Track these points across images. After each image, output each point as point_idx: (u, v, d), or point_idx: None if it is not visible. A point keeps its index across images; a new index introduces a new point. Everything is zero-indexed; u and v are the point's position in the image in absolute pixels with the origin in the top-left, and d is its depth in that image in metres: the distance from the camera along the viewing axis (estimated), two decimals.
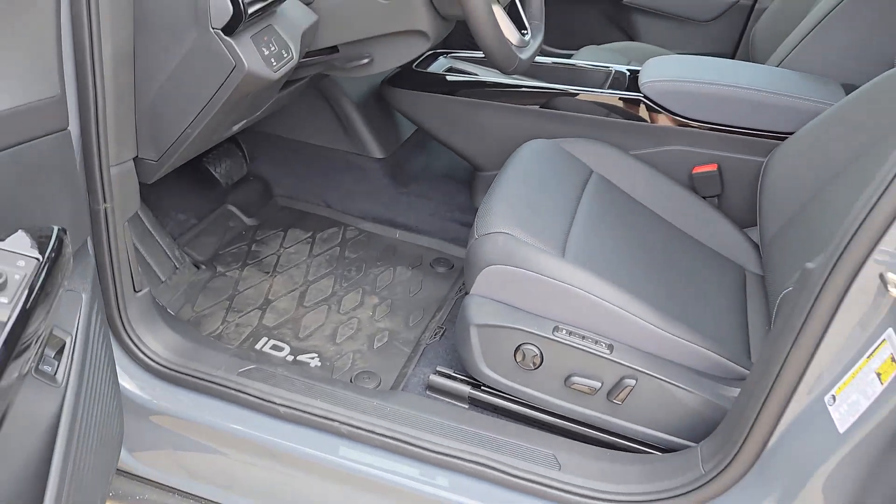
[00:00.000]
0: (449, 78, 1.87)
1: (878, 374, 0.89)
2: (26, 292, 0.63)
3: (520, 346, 1.27)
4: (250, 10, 1.08)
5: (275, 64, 1.16)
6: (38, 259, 0.65)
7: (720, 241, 1.62)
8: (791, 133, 1.57)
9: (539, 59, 1.97)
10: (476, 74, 1.89)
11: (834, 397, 0.95)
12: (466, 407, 1.37)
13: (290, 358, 1.51)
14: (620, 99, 1.73)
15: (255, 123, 1.55)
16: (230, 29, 1.07)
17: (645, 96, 1.69)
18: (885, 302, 0.89)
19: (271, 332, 1.57)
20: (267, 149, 2.00)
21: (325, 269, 1.78)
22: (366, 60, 1.41)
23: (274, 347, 1.53)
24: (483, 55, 1.90)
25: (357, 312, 1.66)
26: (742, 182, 1.66)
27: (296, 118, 1.94)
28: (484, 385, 1.35)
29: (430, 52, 1.97)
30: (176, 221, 1.79)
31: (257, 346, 1.53)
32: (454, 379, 1.39)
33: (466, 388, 1.37)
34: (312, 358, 1.51)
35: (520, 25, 1.45)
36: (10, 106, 0.76)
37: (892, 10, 1.72)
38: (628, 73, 1.83)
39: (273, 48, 1.16)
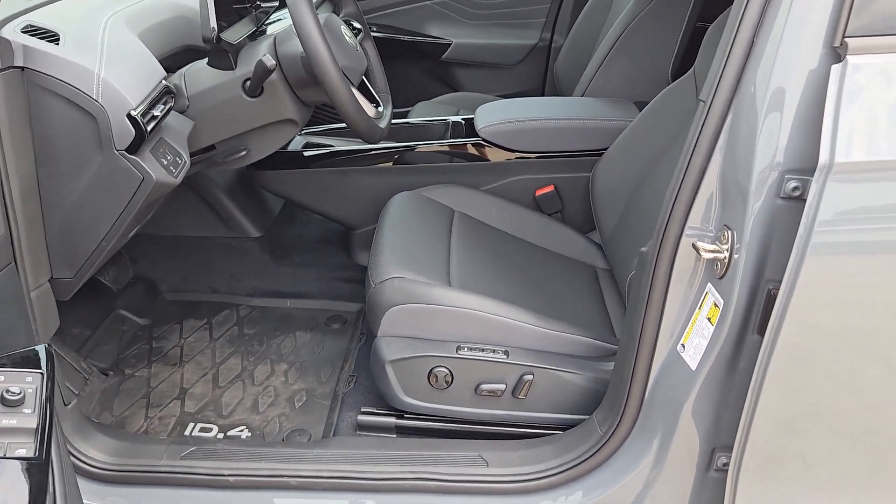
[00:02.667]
0: (306, 153, 2.06)
1: (709, 319, 1.16)
2: (43, 402, 0.74)
3: (431, 370, 1.45)
4: (149, 128, 1.22)
5: (174, 171, 1.30)
6: (42, 373, 0.76)
7: (570, 247, 1.90)
8: (605, 149, 1.89)
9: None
10: (331, 146, 2.08)
11: (683, 345, 1.22)
12: (395, 436, 1.54)
13: (220, 436, 1.60)
14: (463, 145, 1.99)
15: None
16: (133, 148, 1.21)
17: (483, 139, 1.96)
18: (700, 264, 1.18)
19: (195, 416, 1.66)
20: (146, 249, 2.07)
21: (230, 349, 1.89)
22: (242, 153, 1.56)
23: (202, 430, 1.62)
24: (337, 127, 2.12)
25: (271, 381, 1.78)
26: (577, 196, 1.97)
27: (170, 215, 2.04)
28: (407, 413, 1.52)
29: None
30: (71, 336, 1.83)
31: (186, 433, 1.61)
32: (379, 414, 1.55)
33: (392, 420, 1.53)
34: (241, 431, 1.62)
35: (372, 100, 1.66)
36: None
37: (661, 37, 2.11)
38: (463, 122, 2.10)
39: (169, 157, 1.30)
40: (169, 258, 2.10)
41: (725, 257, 1.12)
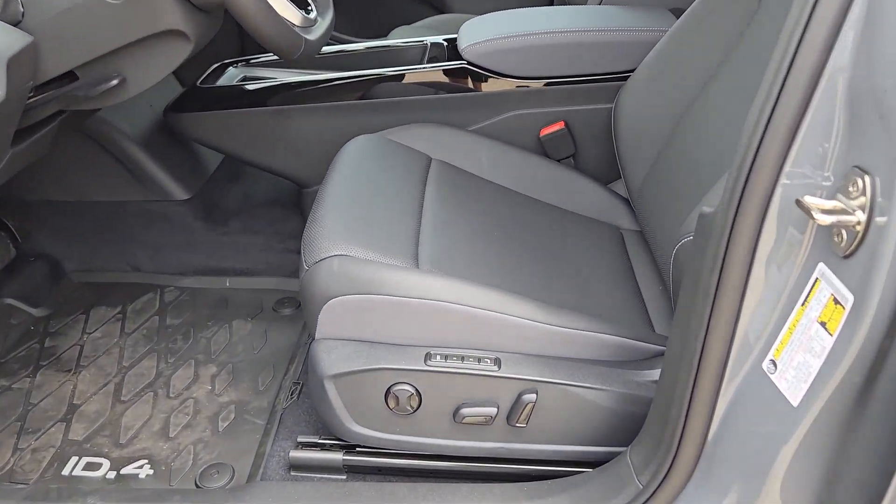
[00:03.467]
0: (249, 87, 1.59)
1: (823, 324, 0.70)
2: None
3: (390, 388, 1.01)
4: None
5: None
6: None
7: (586, 203, 1.44)
8: (632, 70, 1.41)
9: (349, 46, 1.73)
10: (276, 79, 1.61)
11: (773, 363, 0.76)
12: (345, 478, 1.10)
13: (112, 474, 1.17)
14: (443, 72, 1.51)
15: (18, 192, 1.22)
16: None
17: (468, 62, 1.48)
18: (808, 233, 0.71)
19: (82, 446, 1.23)
20: (43, 219, 1.63)
21: (144, 347, 1.45)
22: (115, 81, 1.10)
23: (88, 467, 1.19)
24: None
25: (192, 391, 1.34)
26: (595, 135, 1.49)
27: (68, 174, 1.59)
28: (360, 445, 1.08)
29: (217, 65, 1.68)
30: None
31: (65, 472, 1.18)
32: (321, 447, 1.11)
33: (339, 456, 1.10)
34: (141, 467, 1.19)
35: (302, 3, 1.19)
36: None
37: None
38: (446, 44, 1.62)
39: None
40: (76, 229, 1.65)
41: (858, 222, 0.65)
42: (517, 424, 1.01)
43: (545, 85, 1.48)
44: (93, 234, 1.65)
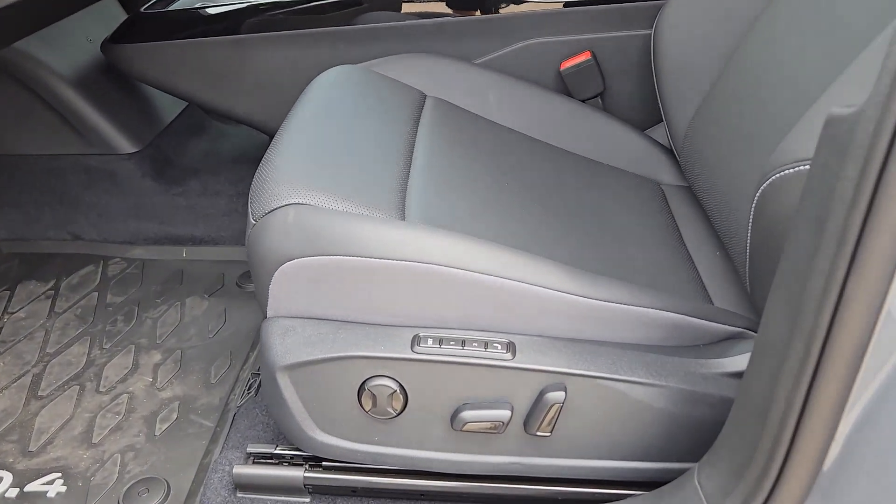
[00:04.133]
0: (205, 11, 1.31)
1: None
2: None
3: (364, 384, 0.74)
4: None
5: None
6: None
7: (618, 152, 1.17)
8: None
9: None
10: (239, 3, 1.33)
11: None
12: (308, 501, 0.84)
13: (13, 492, 0.91)
14: None
15: None
16: None
17: None
18: None
19: None
20: None
21: (76, 331, 1.19)
22: None
23: None
24: None
25: (128, 384, 1.08)
26: (628, 68, 1.22)
27: None
28: (326, 459, 0.82)
29: None
30: None
31: None
32: (278, 460, 0.85)
33: (300, 472, 0.83)
34: (52, 482, 0.93)
35: None
36: None
37: None
38: None
39: None
40: (4, 190, 1.39)
41: None
42: (538, 433, 0.74)
43: (566, 6, 1.21)
44: (25, 196, 1.39)
